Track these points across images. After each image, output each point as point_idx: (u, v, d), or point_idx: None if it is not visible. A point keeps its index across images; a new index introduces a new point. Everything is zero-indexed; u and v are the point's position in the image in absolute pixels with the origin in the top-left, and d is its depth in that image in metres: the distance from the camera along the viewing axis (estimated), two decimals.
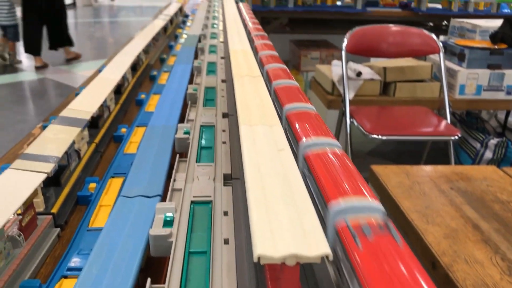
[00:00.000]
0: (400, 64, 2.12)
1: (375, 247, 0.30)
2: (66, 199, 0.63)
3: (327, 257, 0.30)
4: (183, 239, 0.44)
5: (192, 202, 0.51)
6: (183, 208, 0.50)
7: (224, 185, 0.56)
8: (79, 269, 0.48)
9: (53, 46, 4.83)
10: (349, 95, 1.91)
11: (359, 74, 2.03)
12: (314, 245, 0.30)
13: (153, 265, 0.50)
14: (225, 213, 0.50)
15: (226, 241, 0.45)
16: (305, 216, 0.34)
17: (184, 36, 1.72)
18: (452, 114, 2.32)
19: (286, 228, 0.32)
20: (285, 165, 0.43)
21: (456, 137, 1.69)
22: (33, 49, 4.54)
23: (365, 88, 2.05)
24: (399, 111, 1.96)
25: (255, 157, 0.44)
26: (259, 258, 0.29)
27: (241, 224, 0.46)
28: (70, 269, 0.49)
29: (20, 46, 4.93)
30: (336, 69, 2.10)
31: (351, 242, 0.31)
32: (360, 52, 1.96)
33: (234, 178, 0.57)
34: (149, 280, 0.39)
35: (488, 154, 2.12)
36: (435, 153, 2.30)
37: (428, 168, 1.24)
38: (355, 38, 1.93)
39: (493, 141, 2.13)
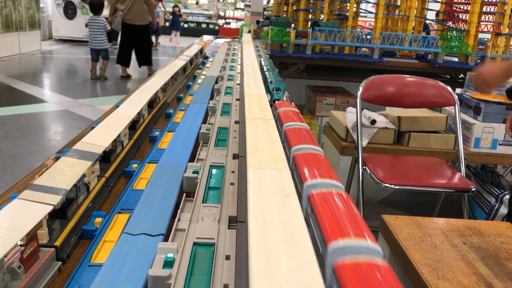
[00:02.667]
0: (415, 114, 2.12)
1: None
2: (70, 232, 0.63)
3: None
4: (182, 282, 0.43)
5: (194, 243, 0.50)
6: (185, 249, 0.49)
7: (228, 228, 0.56)
8: None
9: (140, 64, 6.66)
10: (362, 142, 1.91)
11: (373, 122, 2.03)
12: None
13: None
14: (227, 257, 0.49)
15: (225, 287, 0.44)
16: (306, 268, 0.33)
17: (202, 76, 1.76)
18: (467, 167, 2.29)
19: (286, 278, 0.31)
20: (290, 211, 0.42)
21: (471, 191, 1.66)
22: (123, 62, 6.49)
23: (379, 136, 2.05)
24: (413, 161, 1.94)
25: (260, 201, 0.44)
26: None
27: (243, 270, 0.45)
28: None
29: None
30: (350, 116, 2.11)
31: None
32: (375, 101, 1.97)
33: (240, 221, 0.56)
34: None
35: (503, 210, 2.07)
36: (448, 205, 2.26)
37: (440, 221, 1.21)
38: (370, 87, 1.95)
39: (508, 196, 2.09)
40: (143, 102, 1.16)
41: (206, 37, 4.37)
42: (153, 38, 12.15)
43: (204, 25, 16.51)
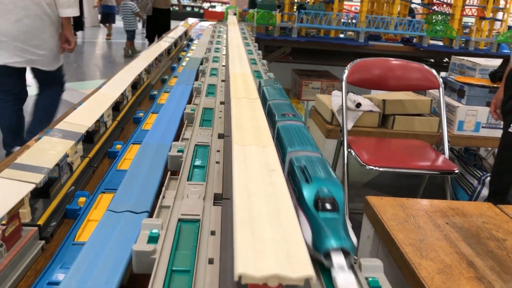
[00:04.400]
0: (399, 97, 2.13)
1: None
2: (53, 211, 0.62)
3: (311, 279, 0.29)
4: (166, 257, 0.43)
5: (179, 219, 0.50)
6: (169, 225, 0.49)
7: (214, 205, 0.55)
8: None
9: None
10: (347, 126, 1.92)
11: (358, 105, 2.04)
12: (298, 267, 0.30)
13: (136, 282, 0.49)
14: (212, 233, 0.49)
15: (210, 261, 0.44)
16: (290, 238, 0.33)
17: (187, 58, 1.74)
18: (450, 150, 2.32)
19: (270, 248, 0.31)
20: (275, 186, 0.42)
21: (454, 173, 1.69)
22: (150, 38, 7.10)
23: (364, 119, 2.06)
24: (397, 143, 1.96)
25: (245, 176, 0.43)
26: (240, 277, 0.28)
27: (228, 244, 0.45)
28: (50, 283, 0.48)
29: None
30: (336, 99, 2.11)
31: None
32: (360, 84, 1.97)
33: (225, 198, 0.56)
34: None
35: (485, 192, 2.11)
36: (432, 188, 2.29)
37: (424, 202, 1.23)
38: (355, 70, 1.95)
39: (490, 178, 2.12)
40: (126, 83, 1.14)
41: (191, 20, 4.31)
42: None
43: (189, 8, 16.27)
